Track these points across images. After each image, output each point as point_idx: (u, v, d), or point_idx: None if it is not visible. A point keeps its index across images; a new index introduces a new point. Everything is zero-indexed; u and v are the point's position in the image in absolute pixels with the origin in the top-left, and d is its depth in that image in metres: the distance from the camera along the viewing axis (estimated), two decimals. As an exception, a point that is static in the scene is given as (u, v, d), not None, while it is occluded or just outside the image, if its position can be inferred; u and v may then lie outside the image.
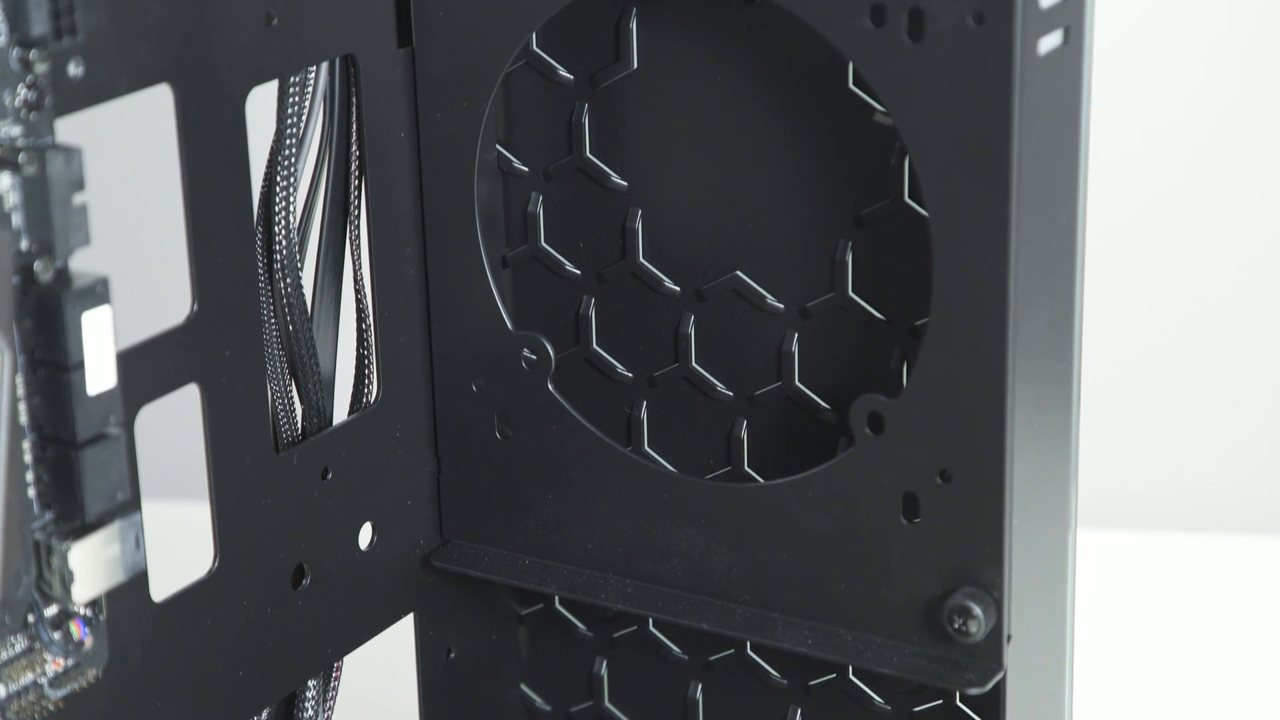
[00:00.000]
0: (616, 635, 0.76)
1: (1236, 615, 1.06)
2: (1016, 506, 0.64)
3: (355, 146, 0.69)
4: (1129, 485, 1.19)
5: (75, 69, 0.58)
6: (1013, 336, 0.62)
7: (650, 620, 0.75)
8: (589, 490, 0.72)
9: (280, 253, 0.68)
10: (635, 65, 0.69)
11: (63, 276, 0.57)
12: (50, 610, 0.60)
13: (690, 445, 0.72)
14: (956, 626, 0.65)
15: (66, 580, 0.58)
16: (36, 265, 0.56)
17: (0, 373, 0.56)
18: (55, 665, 0.60)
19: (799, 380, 0.69)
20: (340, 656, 0.72)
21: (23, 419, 0.57)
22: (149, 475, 0.65)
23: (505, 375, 0.72)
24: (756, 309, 0.69)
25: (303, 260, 0.69)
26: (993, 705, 0.66)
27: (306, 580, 0.70)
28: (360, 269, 0.71)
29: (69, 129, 0.59)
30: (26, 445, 0.58)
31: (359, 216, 0.70)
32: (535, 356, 0.72)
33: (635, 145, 0.70)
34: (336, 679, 0.73)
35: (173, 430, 0.82)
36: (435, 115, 0.70)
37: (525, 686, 0.79)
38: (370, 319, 0.71)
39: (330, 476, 0.70)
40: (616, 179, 0.70)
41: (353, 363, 0.72)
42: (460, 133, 0.70)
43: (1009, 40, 0.59)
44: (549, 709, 0.79)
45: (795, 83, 0.66)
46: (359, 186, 0.70)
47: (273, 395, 0.68)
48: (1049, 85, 0.61)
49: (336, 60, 0.68)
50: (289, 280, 0.68)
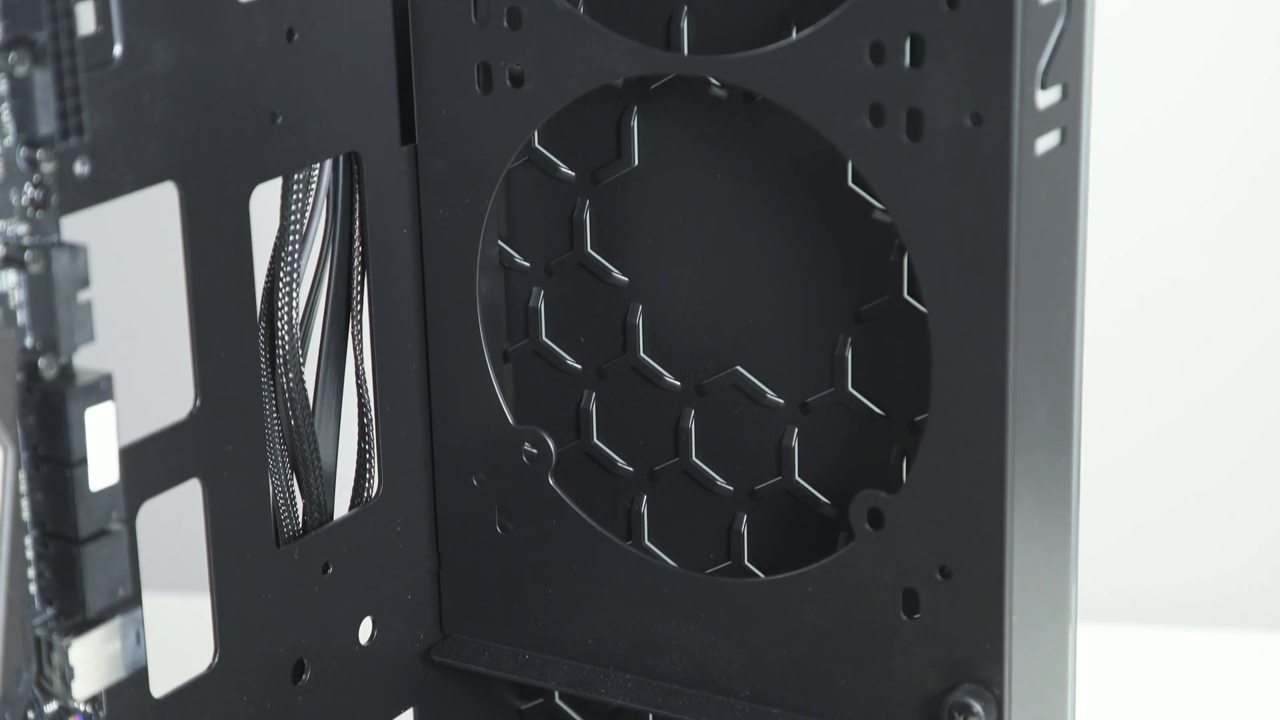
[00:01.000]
0: (617, 730, 0.76)
1: (1238, 712, 1.05)
2: (1017, 602, 0.64)
3: (358, 242, 0.70)
4: (1130, 579, 1.19)
5: (81, 168, 0.59)
6: (1012, 433, 0.63)
7: (651, 716, 0.74)
8: (589, 584, 0.72)
9: (283, 347, 0.68)
10: (636, 162, 0.69)
11: (66, 373, 0.57)
12: (50, 706, 0.60)
13: (691, 539, 0.72)
14: (957, 723, 0.65)
15: (67, 676, 0.58)
16: (40, 362, 0.57)
17: (3, 469, 0.56)
18: (54, 762, 0.60)
19: (799, 475, 0.69)
20: (340, 751, 0.72)
21: (25, 515, 0.58)
22: (149, 566, 0.65)
23: (506, 469, 0.72)
24: (756, 404, 0.70)
25: (305, 355, 0.69)
26: (994, 802, 0.66)
27: (306, 675, 0.70)
28: (362, 363, 0.71)
29: (74, 225, 0.59)
30: (28, 541, 0.58)
31: (361, 312, 0.71)
32: (536, 450, 0.72)
33: (636, 241, 0.70)
34: (336, 774, 0.72)
35: (173, 522, 0.82)
36: (438, 212, 0.71)
37: (525, 781, 0.79)
38: (372, 413, 0.71)
39: (331, 571, 0.70)
40: (617, 274, 0.71)
41: (354, 457, 0.72)
42: (462, 229, 0.70)
43: (1007, 140, 0.60)
44: (549, 804, 0.78)
45: (795, 180, 0.67)
46: (361, 282, 0.70)
47: (274, 489, 0.68)
48: (1046, 185, 0.62)
49: (340, 157, 0.69)
50: (291, 375, 0.68)
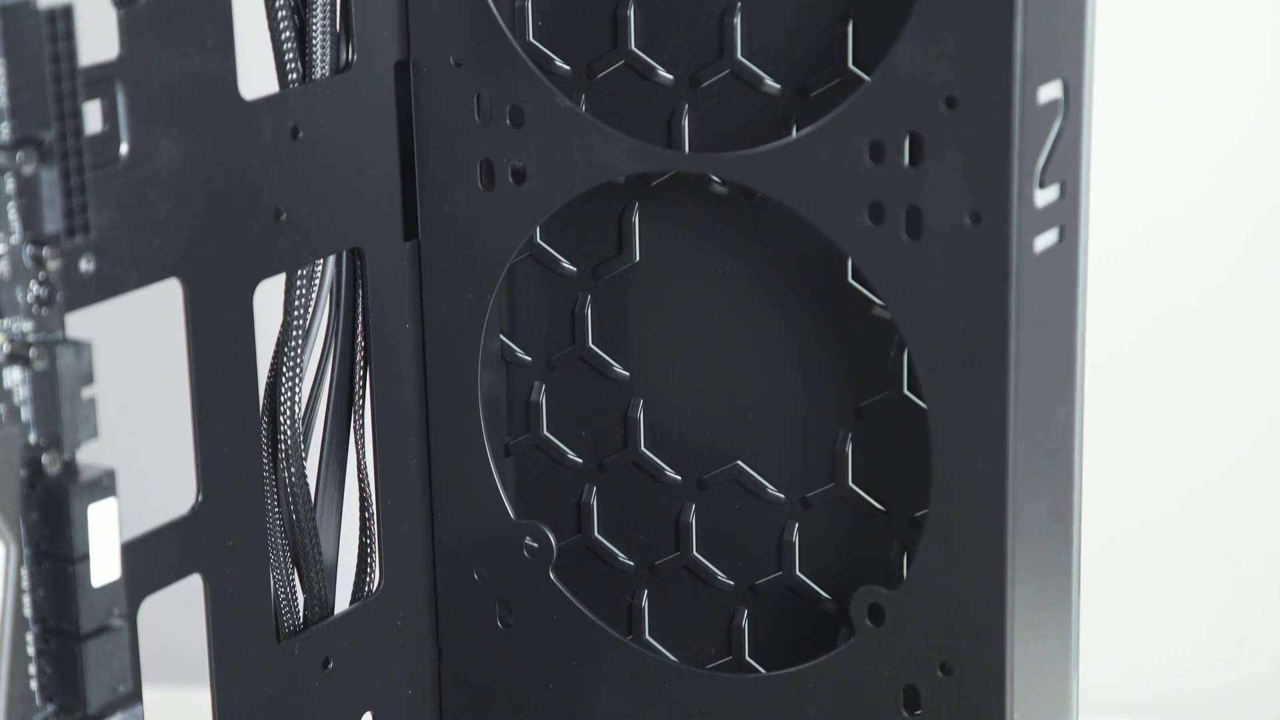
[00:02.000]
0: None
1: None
2: (1018, 699, 0.64)
3: (361, 337, 0.70)
4: (1132, 673, 1.19)
5: (86, 265, 0.59)
6: (1012, 528, 0.63)
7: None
8: (590, 680, 0.72)
9: (285, 442, 0.68)
10: (638, 257, 0.70)
11: (70, 469, 0.57)
12: (50, 803, 0.59)
13: (691, 634, 0.72)
14: (959, 820, 0.65)
15: (67, 773, 0.58)
16: (44, 459, 0.57)
17: (5, 566, 0.56)
18: None
19: (800, 570, 0.69)
20: (339, 847, 0.72)
21: (26, 611, 0.58)
22: (149, 660, 0.65)
23: (507, 564, 0.72)
24: (757, 499, 0.70)
25: (307, 449, 0.69)
26: None
27: (306, 770, 0.70)
28: (364, 458, 0.71)
29: (78, 321, 0.59)
30: (29, 637, 0.58)
31: (363, 406, 0.71)
32: (537, 545, 0.72)
33: (637, 336, 0.71)
34: None
35: (174, 616, 0.82)
36: (440, 307, 0.71)
37: None
38: (373, 507, 0.71)
39: (332, 666, 0.70)
40: (619, 369, 0.71)
41: (355, 551, 0.72)
42: (465, 324, 0.71)
43: (1005, 239, 0.60)
44: None
45: (795, 275, 0.67)
46: (364, 376, 0.71)
47: (275, 584, 0.68)
48: (1045, 282, 0.62)
49: (343, 253, 0.69)
50: (293, 469, 0.68)
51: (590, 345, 0.71)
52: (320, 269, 0.68)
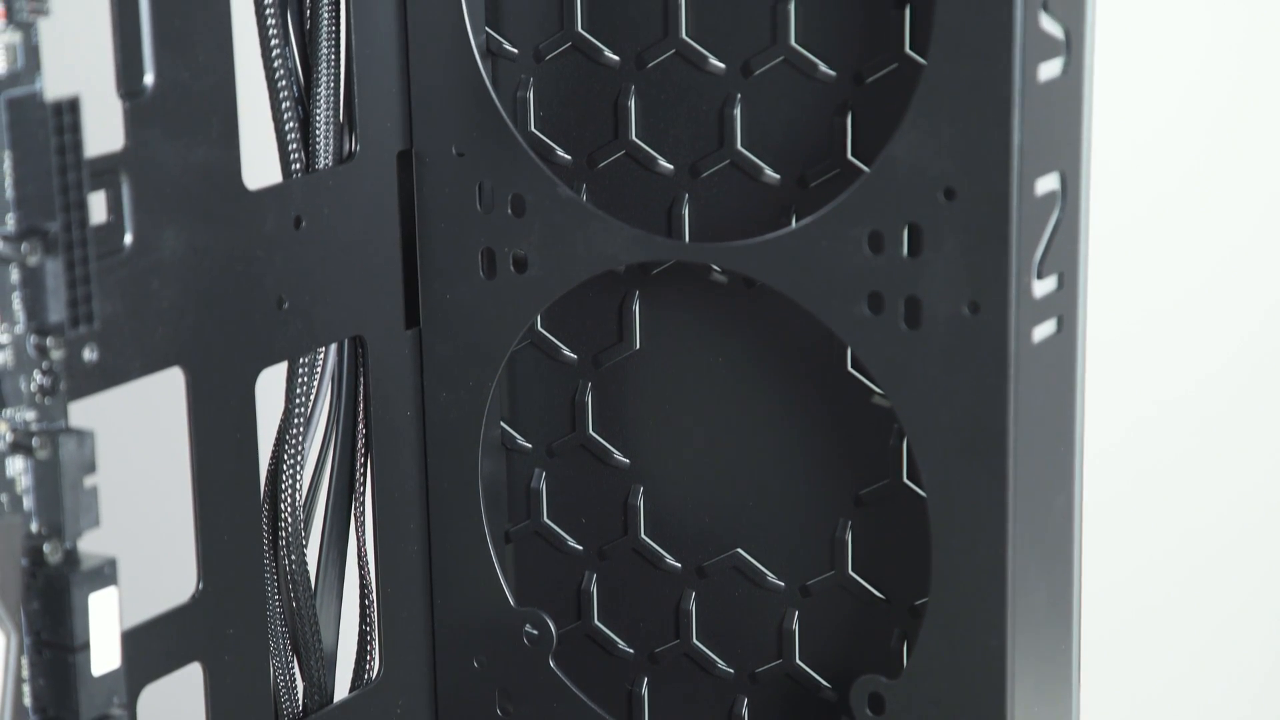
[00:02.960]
0: None
1: None
2: (1018, 789, 0.64)
3: (362, 424, 0.70)
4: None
5: (90, 354, 0.59)
6: (1012, 617, 0.63)
7: None
8: (590, 768, 0.72)
9: (286, 529, 0.68)
10: (638, 345, 0.70)
11: (71, 558, 0.57)
12: None
13: (691, 722, 0.72)
14: None
15: None
16: (45, 548, 0.57)
17: (5, 654, 0.56)
18: None
19: (799, 658, 0.69)
20: None
21: (26, 700, 0.58)
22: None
23: (507, 651, 0.72)
24: (757, 586, 0.70)
25: (307, 536, 0.70)
26: None
27: None
28: (364, 545, 0.71)
29: (81, 409, 0.60)
30: (29, 727, 0.58)
31: (364, 492, 0.71)
32: (537, 632, 0.72)
33: (638, 423, 0.71)
34: None
35: (173, 704, 0.81)
36: (441, 394, 0.71)
37: None
38: (373, 594, 0.71)
39: (331, 754, 0.70)
40: (619, 456, 0.71)
41: (355, 638, 0.72)
42: (465, 411, 0.71)
43: (1004, 329, 0.61)
44: None
45: (795, 364, 0.68)
46: (365, 463, 0.71)
47: (275, 672, 0.68)
48: (1043, 372, 0.62)
49: (345, 341, 0.69)
50: (294, 557, 0.68)
51: (590, 432, 0.71)
52: (322, 356, 0.69)
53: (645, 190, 0.68)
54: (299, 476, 0.69)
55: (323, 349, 0.69)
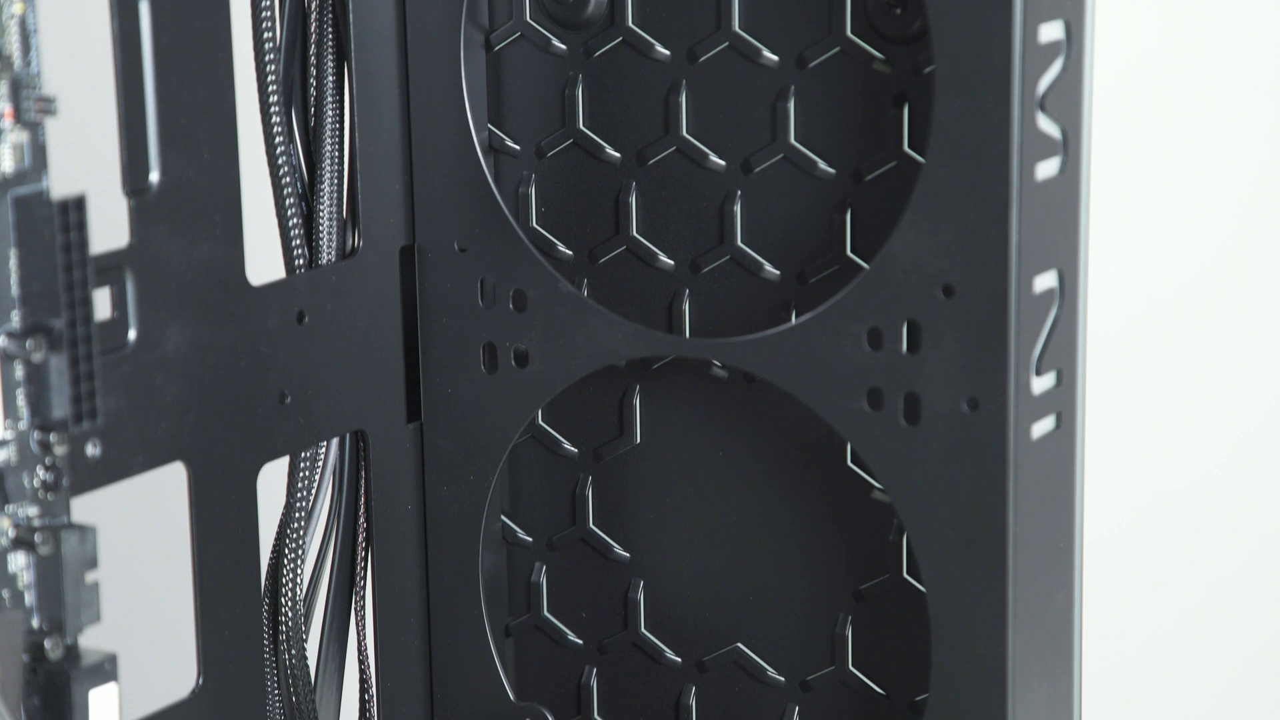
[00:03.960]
0: None
1: None
2: None
3: (363, 518, 0.70)
4: None
5: (93, 450, 0.60)
6: (1012, 714, 0.63)
7: None
8: None
9: (286, 624, 0.68)
10: (638, 439, 0.70)
11: (72, 654, 0.57)
12: None
13: (691, 818, 0.72)
14: None
15: None
16: (46, 643, 0.57)
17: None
18: None
19: (800, 754, 0.69)
20: None
21: (26, 797, 0.58)
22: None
23: (507, 746, 0.72)
24: (758, 681, 0.70)
25: (308, 630, 0.70)
26: None
27: None
28: (364, 639, 0.71)
29: (83, 504, 0.60)
30: (28, 823, 0.58)
31: (364, 587, 0.71)
32: (537, 727, 0.72)
33: (638, 517, 0.71)
34: None
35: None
36: (442, 488, 0.71)
37: None
38: (373, 689, 0.71)
39: None
40: (619, 550, 0.71)
41: (355, 732, 0.72)
42: (466, 505, 0.71)
43: (1003, 426, 0.61)
44: None
45: (795, 459, 0.68)
46: (365, 557, 0.71)
47: (274, 767, 0.68)
48: (1043, 468, 0.62)
49: (347, 435, 0.69)
50: (294, 651, 0.68)
51: (591, 526, 0.72)
52: (324, 451, 0.69)
53: (646, 285, 0.69)
54: (300, 571, 0.69)
55: (324, 443, 0.69)
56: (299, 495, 0.68)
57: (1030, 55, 0.59)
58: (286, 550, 0.68)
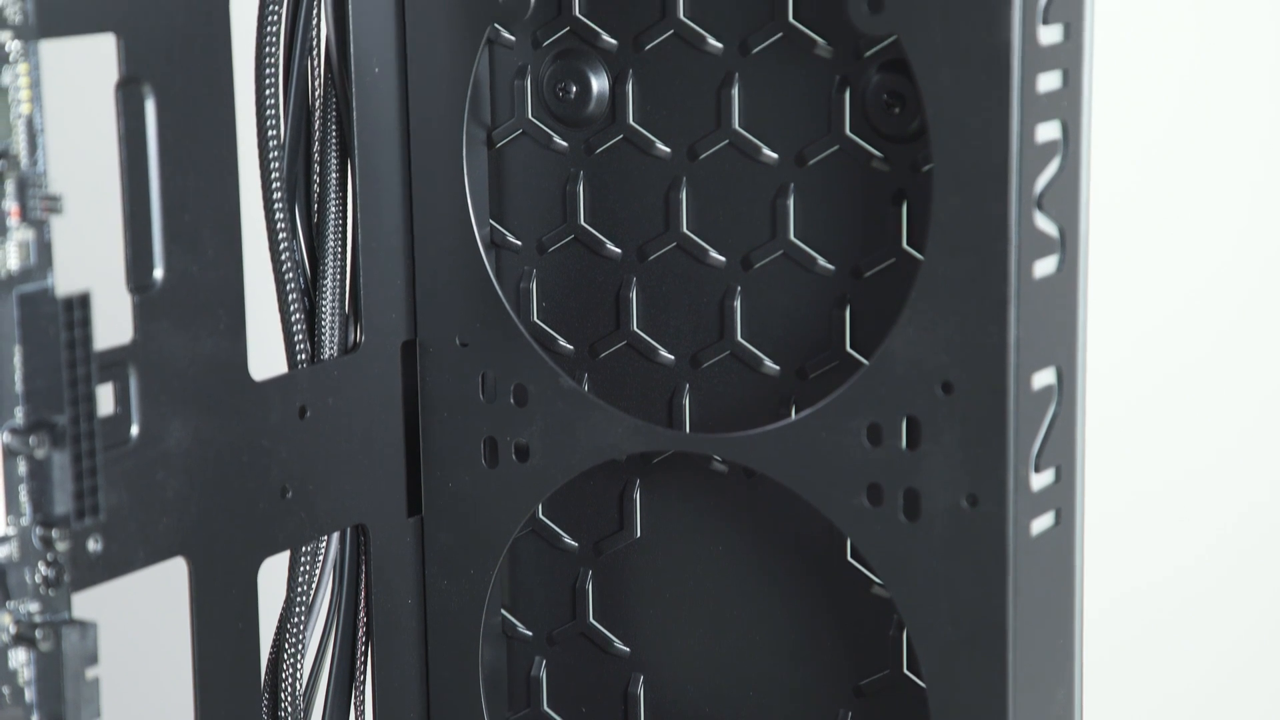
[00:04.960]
0: None
1: None
2: None
3: (363, 612, 0.70)
4: None
5: (94, 545, 0.60)
6: (1014, 811, 0.63)
7: None
8: None
9: (286, 718, 0.68)
10: (638, 534, 0.70)
11: (72, 751, 0.57)
12: None
13: None
14: None
15: None
16: (46, 740, 0.57)
17: None
18: None
19: None
20: None
21: None
22: None
23: (506, 841, 0.72)
24: (758, 777, 0.70)
25: (307, 725, 0.69)
26: None
27: None
28: (364, 733, 0.71)
29: (84, 600, 0.60)
30: None
31: (364, 681, 0.71)
32: (536, 822, 0.72)
33: (638, 611, 0.71)
34: None
35: None
36: (442, 582, 0.71)
37: None
38: (372, 783, 0.71)
39: None
40: (619, 644, 0.71)
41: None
42: (466, 599, 0.71)
43: (1003, 522, 0.61)
44: None
45: (795, 554, 0.68)
46: (366, 651, 0.71)
47: None
48: (1042, 564, 0.62)
49: (348, 529, 0.70)
50: (293, 746, 0.68)
51: (591, 620, 0.72)
52: (324, 545, 0.69)
53: (646, 380, 0.69)
54: (300, 665, 0.69)
55: (325, 537, 0.69)
56: (299, 589, 0.69)
57: (1028, 154, 0.60)
58: (287, 644, 0.68)
